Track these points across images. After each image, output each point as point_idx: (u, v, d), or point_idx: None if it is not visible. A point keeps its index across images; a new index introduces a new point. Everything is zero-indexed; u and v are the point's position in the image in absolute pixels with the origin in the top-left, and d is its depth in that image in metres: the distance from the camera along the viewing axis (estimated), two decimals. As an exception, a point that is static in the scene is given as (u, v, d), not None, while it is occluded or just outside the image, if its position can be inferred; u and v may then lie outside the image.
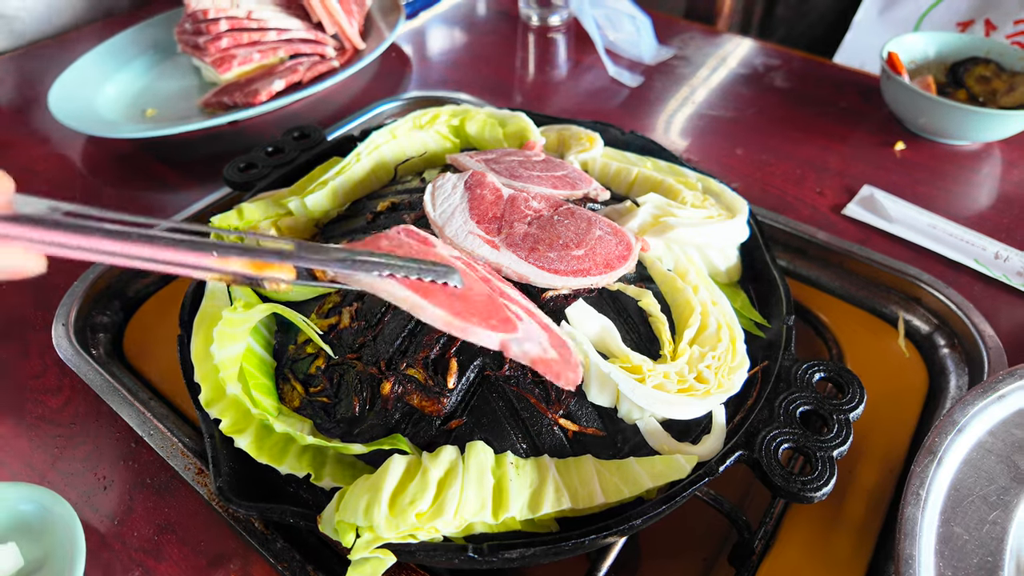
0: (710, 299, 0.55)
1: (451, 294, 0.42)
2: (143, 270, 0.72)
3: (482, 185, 0.58)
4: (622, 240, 0.55)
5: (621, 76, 1.11)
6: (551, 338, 0.45)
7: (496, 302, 0.45)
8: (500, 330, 0.41)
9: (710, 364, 0.50)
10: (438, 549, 0.44)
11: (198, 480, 0.58)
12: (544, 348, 0.43)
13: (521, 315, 0.46)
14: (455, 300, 0.42)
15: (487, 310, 0.43)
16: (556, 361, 0.42)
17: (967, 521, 0.47)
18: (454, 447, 0.47)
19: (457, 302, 0.42)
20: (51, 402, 0.65)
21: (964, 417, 0.51)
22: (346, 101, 1.08)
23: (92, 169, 0.96)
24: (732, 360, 0.51)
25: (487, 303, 0.44)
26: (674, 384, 0.49)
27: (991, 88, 0.95)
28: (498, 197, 0.58)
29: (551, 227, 0.56)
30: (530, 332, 0.44)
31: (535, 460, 0.47)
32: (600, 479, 0.47)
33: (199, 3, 1.05)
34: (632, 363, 0.49)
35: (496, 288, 0.48)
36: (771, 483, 0.46)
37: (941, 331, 0.71)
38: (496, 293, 0.47)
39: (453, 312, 0.40)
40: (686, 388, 0.49)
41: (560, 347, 0.45)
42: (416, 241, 0.49)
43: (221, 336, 0.50)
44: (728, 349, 0.51)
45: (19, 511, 0.53)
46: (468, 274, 0.46)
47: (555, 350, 0.43)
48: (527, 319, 0.46)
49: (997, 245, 0.77)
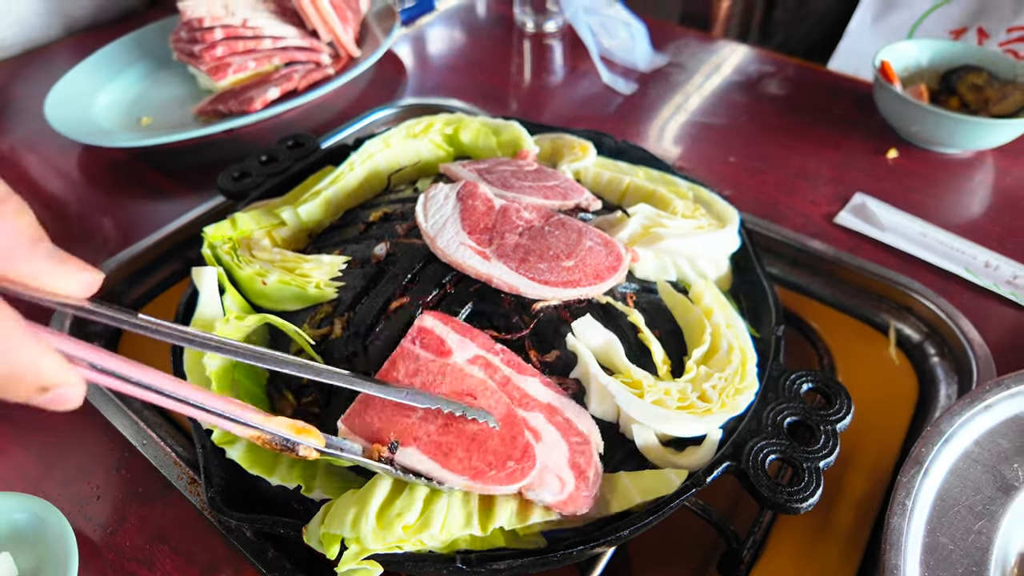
0: (724, 321, 0.55)
1: (469, 439, 0.45)
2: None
3: (474, 196, 0.59)
4: (612, 251, 0.56)
5: (615, 83, 1.12)
6: (570, 450, 0.47)
7: (514, 424, 0.46)
8: (517, 477, 0.44)
9: (715, 384, 0.50)
10: (426, 560, 0.44)
11: (191, 490, 0.58)
12: (561, 484, 0.45)
13: (540, 428, 0.47)
14: (473, 451, 0.45)
15: (504, 446, 0.45)
16: (570, 496, 0.45)
17: (953, 531, 0.47)
18: None
19: (475, 452, 0.45)
20: (44, 410, 0.65)
21: (951, 427, 0.52)
22: (341, 108, 1.08)
23: (87, 177, 0.96)
24: (740, 382, 0.51)
25: (504, 434, 0.46)
26: (674, 401, 0.49)
27: (984, 96, 0.96)
28: (490, 208, 0.58)
29: (542, 238, 0.56)
30: (548, 457, 0.46)
31: None
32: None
33: (195, 11, 1.06)
34: (633, 378, 0.50)
35: (513, 392, 0.49)
36: (758, 494, 0.47)
37: (931, 340, 0.71)
38: (515, 402, 0.48)
39: (472, 475, 0.44)
40: (686, 406, 0.49)
41: (578, 455, 0.47)
42: (432, 354, 0.49)
43: (213, 347, 0.50)
44: (737, 371, 0.51)
45: (12, 520, 0.54)
46: (486, 385, 0.48)
47: (571, 470, 0.46)
48: (546, 430, 0.47)
49: (987, 254, 0.77)
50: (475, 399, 0.47)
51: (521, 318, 0.53)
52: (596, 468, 0.47)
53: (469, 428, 0.46)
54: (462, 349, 0.50)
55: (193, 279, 0.57)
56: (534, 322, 0.53)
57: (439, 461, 0.44)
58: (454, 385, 0.47)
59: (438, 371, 0.48)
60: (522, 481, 0.44)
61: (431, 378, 0.48)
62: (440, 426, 0.46)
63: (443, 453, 0.45)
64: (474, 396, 0.47)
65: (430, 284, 0.55)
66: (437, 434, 0.45)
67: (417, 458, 0.45)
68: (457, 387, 0.47)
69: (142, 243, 0.81)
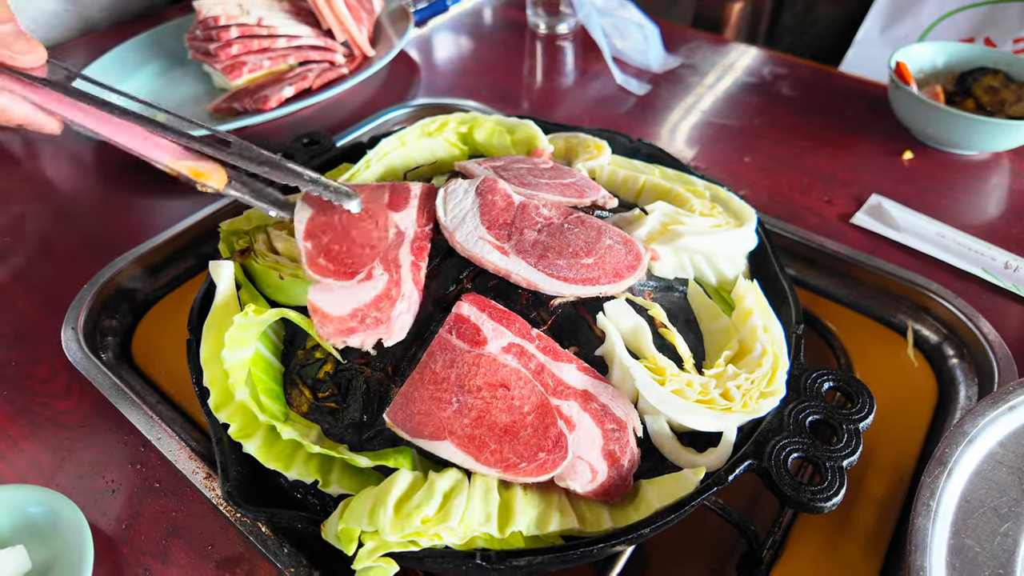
0: (762, 324, 0.55)
1: (502, 432, 0.46)
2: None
3: (493, 191, 0.58)
4: (632, 250, 0.56)
5: (628, 84, 1.11)
6: (604, 437, 0.47)
7: (546, 414, 0.46)
8: (548, 468, 0.45)
9: (741, 384, 0.50)
10: (445, 556, 0.44)
11: (206, 484, 0.58)
12: (592, 473, 0.46)
13: (573, 416, 0.47)
14: (505, 443, 0.45)
15: (536, 437, 0.46)
16: (602, 485, 0.46)
17: (978, 533, 0.47)
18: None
19: (507, 445, 0.45)
20: (60, 405, 0.65)
21: (974, 428, 0.51)
22: (355, 107, 1.08)
23: (102, 173, 0.96)
24: (767, 386, 0.50)
25: (536, 424, 0.46)
26: (694, 393, 0.48)
27: (1000, 98, 0.95)
28: (509, 203, 0.58)
29: (561, 235, 0.56)
30: (581, 446, 0.46)
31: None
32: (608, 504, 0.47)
33: (210, 10, 1.06)
34: (657, 364, 0.49)
35: (547, 380, 0.49)
36: (781, 493, 0.46)
37: (950, 341, 0.70)
38: (548, 390, 0.48)
39: (504, 468, 0.45)
40: (706, 400, 0.48)
41: (613, 442, 0.47)
42: (467, 344, 0.49)
43: (232, 341, 0.50)
44: (767, 375, 0.51)
45: (28, 514, 0.53)
46: (520, 374, 0.48)
47: (604, 459, 0.47)
48: (580, 419, 0.47)
49: (1006, 255, 0.77)
50: (508, 390, 0.47)
51: (539, 314, 0.53)
52: (632, 454, 0.48)
53: (502, 420, 0.46)
54: (497, 337, 0.49)
55: (210, 272, 0.57)
56: (552, 318, 0.53)
57: (472, 455, 0.45)
58: (488, 376, 0.47)
59: (472, 362, 0.48)
60: (552, 472, 0.45)
61: (466, 369, 0.48)
62: (474, 419, 0.46)
63: (476, 447, 0.45)
64: (507, 387, 0.47)
65: (448, 279, 0.55)
66: (471, 427, 0.45)
67: (451, 451, 0.45)
68: (491, 378, 0.47)
69: (156, 239, 0.81)
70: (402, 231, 0.55)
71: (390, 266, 0.53)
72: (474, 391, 0.47)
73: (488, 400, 0.47)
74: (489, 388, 0.47)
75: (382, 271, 0.52)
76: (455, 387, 0.47)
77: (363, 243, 0.54)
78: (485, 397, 0.47)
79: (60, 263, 0.81)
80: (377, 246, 0.54)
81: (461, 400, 0.46)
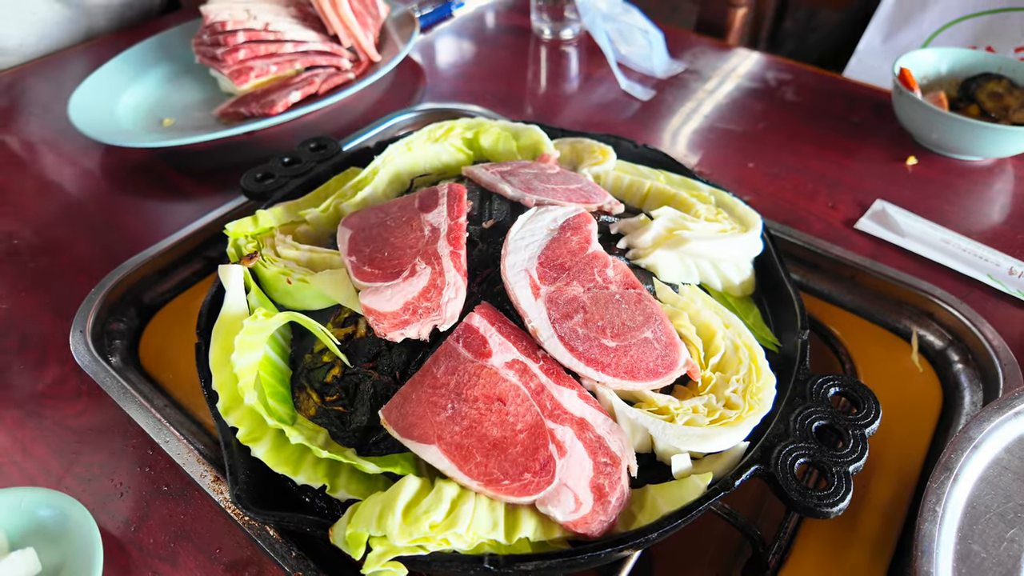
0: (721, 322, 0.55)
1: (491, 445, 0.45)
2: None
3: (579, 230, 0.57)
4: (668, 356, 0.51)
5: (633, 89, 1.12)
6: (594, 469, 0.46)
7: (538, 435, 0.46)
8: (531, 491, 0.44)
9: (736, 388, 0.50)
10: (453, 560, 0.44)
11: (214, 487, 0.58)
12: (576, 503, 0.45)
13: (567, 443, 0.46)
14: (491, 457, 0.45)
15: (524, 457, 0.45)
16: (583, 518, 0.45)
17: (984, 539, 0.47)
18: None
19: (493, 459, 0.45)
20: (69, 408, 0.66)
21: (980, 434, 0.51)
22: (361, 112, 1.09)
23: (110, 177, 0.97)
24: (758, 380, 0.51)
25: (527, 444, 0.46)
26: (704, 417, 0.49)
27: (1003, 104, 0.95)
28: (582, 248, 0.56)
29: (604, 305, 0.52)
30: (569, 474, 0.45)
31: None
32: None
33: (217, 15, 1.07)
34: (658, 405, 0.49)
35: (546, 401, 0.48)
36: (787, 498, 0.46)
37: (955, 346, 0.70)
38: (545, 412, 0.47)
39: (485, 482, 0.44)
40: (717, 419, 0.49)
41: (602, 476, 0.46)
42: (472, 354, 0.49)
43: (242, 344, 0.50)
44: (750, 369, 0.51)
45: (37, 516, 0.54)
46: (519, 391, 0.48)
47: (591, 491, 0.46)
48: (573, 446, 0.47)
49: (1011, 260, 0.77)
50: (504, 405, 0.47)
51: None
52: (621, 492, 0.46)
53: (493, 433, 0.46)
54: (503, 352, 0.49)
55: (219, 276, 0.57)
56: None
57: (457, 463, 0.44)
58: (486, 388, 0.47)
59: (473, 372, 0.48)
60: (535, 495, 0.44)
61: (466, 378, 0.48)
62: (465, 428, 0.46)
63: (462, 456, 0.45)
64: (504, 402, 0.47)
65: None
66: (461, 435, 0.45)
67: (436, 456, 0.45)
68: (489, 391, 0.47)
69: (164, 242, 0.82)
70: (436, 227, 0.56)
71: (431, 259, 0.54)
72: (470, 400, 0.47)
73: (482, 412, 0.46)
74: (485, 400, 0.47)
75: (424, 265, 0.53)
76: (452, 394, 0.47)
77: (402, 246, 0.56)
78: (480, 408, 0.46)
79: (68, 267, 0.82)
80: (415, 246, 0.55)
81: (456, 407, 0.46)
